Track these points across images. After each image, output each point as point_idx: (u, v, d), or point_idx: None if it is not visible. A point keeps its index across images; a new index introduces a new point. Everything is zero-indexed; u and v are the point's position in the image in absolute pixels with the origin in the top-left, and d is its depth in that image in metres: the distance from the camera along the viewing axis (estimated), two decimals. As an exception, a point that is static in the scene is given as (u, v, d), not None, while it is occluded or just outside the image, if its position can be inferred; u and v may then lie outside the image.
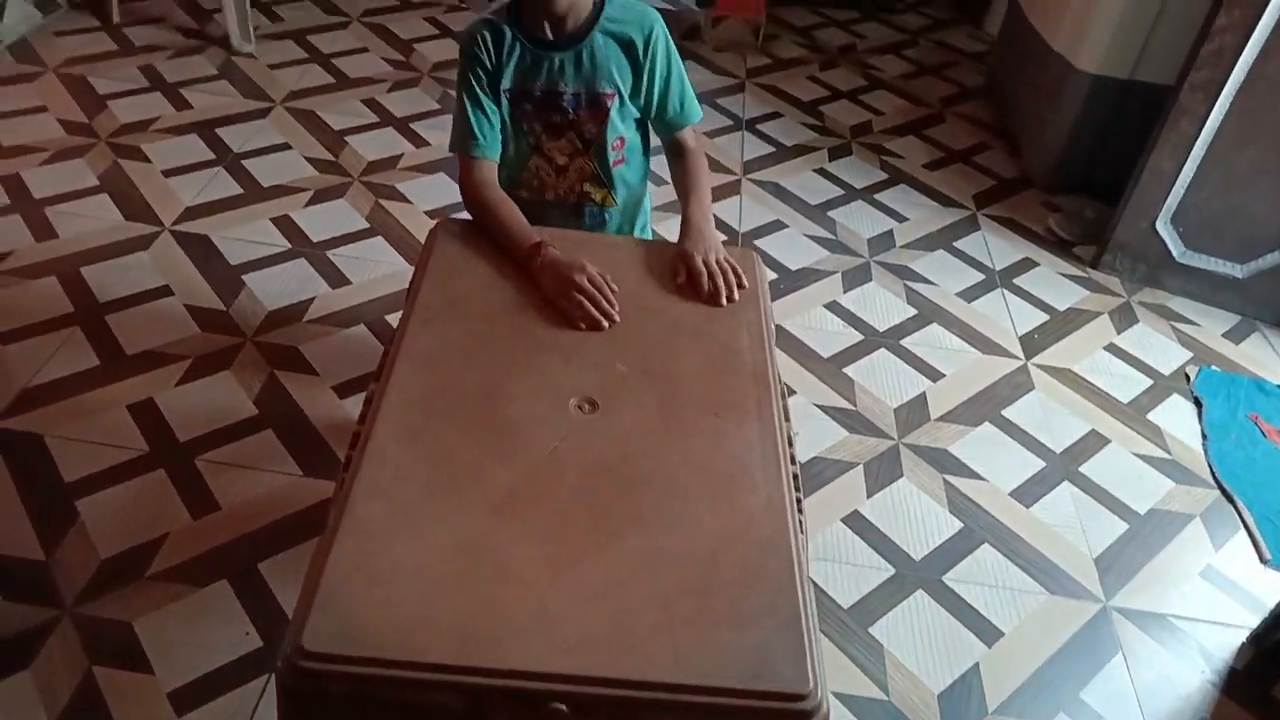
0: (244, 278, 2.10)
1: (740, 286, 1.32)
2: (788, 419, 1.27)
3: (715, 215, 1.42)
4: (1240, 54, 2.15)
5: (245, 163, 2.47)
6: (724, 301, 1.31)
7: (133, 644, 1.41)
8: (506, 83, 1.38)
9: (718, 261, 1.31)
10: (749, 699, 0.92)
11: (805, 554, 1.09)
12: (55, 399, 1.77)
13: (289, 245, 2.21)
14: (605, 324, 1.25)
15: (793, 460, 1.18)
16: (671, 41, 1.43)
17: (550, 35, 1.36)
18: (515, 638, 0.92)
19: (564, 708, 0.90)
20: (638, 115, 1.45)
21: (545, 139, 1.43)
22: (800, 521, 1.10)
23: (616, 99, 1.40)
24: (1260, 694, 1.56)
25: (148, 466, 1.67)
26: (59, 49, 2.84)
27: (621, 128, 1.43)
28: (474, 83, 1.37)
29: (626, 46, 1.38)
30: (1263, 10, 2.10)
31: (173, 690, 1.36)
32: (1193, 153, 2.29)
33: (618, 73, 1.39)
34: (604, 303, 1.25)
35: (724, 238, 1.45)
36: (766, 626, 0.97)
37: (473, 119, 1.37)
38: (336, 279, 2.14)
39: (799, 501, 1.13)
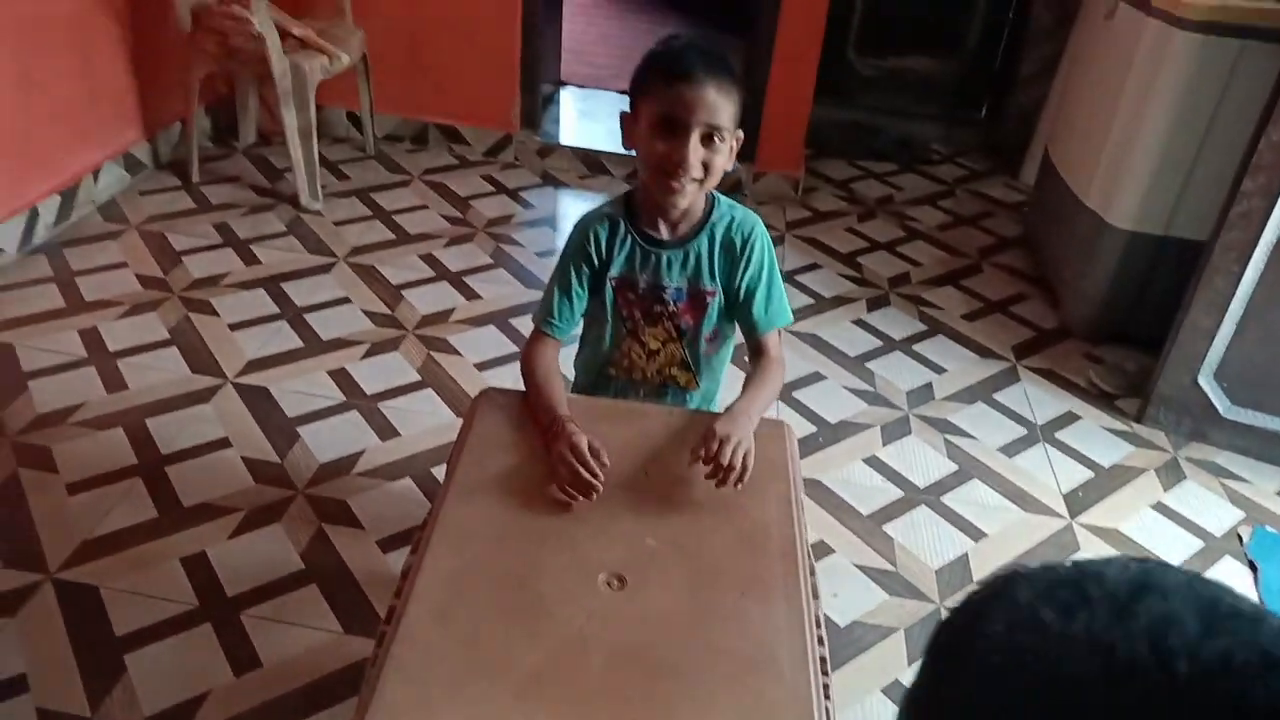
0: (299, 429, 2.19)
1: (740, 481, 1.31)
2: (816, 596, 1.28)
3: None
4: (1269, 217, 2.19)
5: (307, 316, 2.60)
6: (719, 485, 1.31)
7: (168, 809, 1.42)
8: (614, 271, 1.48)
9: (735, 449, 1.31)
10: None
11: (833, 744, 1.08)
12: (113, 550, 1.84)
13: (344, 398, 2.31)
14: (579, 498, 1.28)
15: (821, 641, 1.18)
16: (771, 246, 1.52)
17: (663, 234, 1.47)
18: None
19: None
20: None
21: (643, 325, 1.52)
22: (827, 709, 1.09)
23: (718, 295, 1.50)
24: None
25: (195, 621, 1.72)
26: (143, 207, 3.06)
27: (717, 321, 1.52)
28: (572, 271, 1.48)
29: (729, 247, 1.48)
30: (1290, 174, 2.15)
31: None
32: (1230, 310, 2.30)
33: (720, 271, 1.49)
34: (583, 476, 1.27)
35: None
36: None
37: (557, 303, 1.49)
38: (386, 431, 2.21)
39: (826, 688, 1.12)
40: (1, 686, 1.57)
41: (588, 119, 4.00)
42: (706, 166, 1.37)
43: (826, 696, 1.11)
